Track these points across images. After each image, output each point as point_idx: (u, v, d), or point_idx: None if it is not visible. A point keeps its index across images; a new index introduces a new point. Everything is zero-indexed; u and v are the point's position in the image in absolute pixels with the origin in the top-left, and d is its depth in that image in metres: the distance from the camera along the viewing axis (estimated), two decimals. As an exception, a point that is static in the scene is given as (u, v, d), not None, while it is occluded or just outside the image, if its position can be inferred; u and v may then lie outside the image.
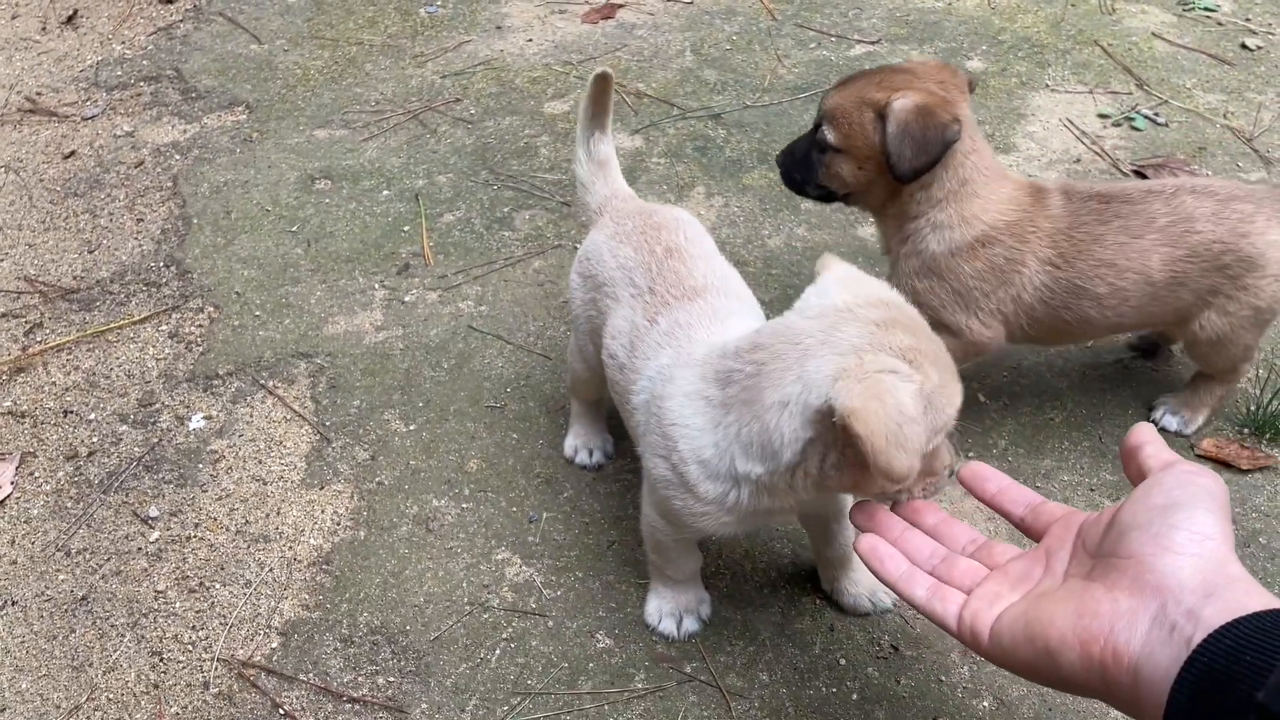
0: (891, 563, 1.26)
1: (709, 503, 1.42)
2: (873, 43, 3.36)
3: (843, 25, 3.47)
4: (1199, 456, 2.01)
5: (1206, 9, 3.52)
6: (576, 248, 2.55)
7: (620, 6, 3.60)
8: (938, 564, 1.26)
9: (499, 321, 2.39)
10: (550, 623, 1.80)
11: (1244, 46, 3.32)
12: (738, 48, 3.37)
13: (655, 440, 1.47)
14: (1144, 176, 2.77)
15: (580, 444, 2.06)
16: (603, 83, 1.90)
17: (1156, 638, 0.91)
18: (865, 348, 1.22)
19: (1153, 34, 3.38)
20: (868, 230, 2.60)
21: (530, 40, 3.44)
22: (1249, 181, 2.73)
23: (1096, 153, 2.85)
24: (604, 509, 1.99)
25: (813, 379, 1.23)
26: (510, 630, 1.79)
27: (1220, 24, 3.44)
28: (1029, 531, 1.27)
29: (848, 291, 1.32)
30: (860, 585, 1.77)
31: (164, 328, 2.43)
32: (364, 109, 3.12)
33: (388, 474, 2.07)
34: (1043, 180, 2.01)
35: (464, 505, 2.00)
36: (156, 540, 1.97)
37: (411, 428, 2.16)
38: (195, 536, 1.98)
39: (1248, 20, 3.45)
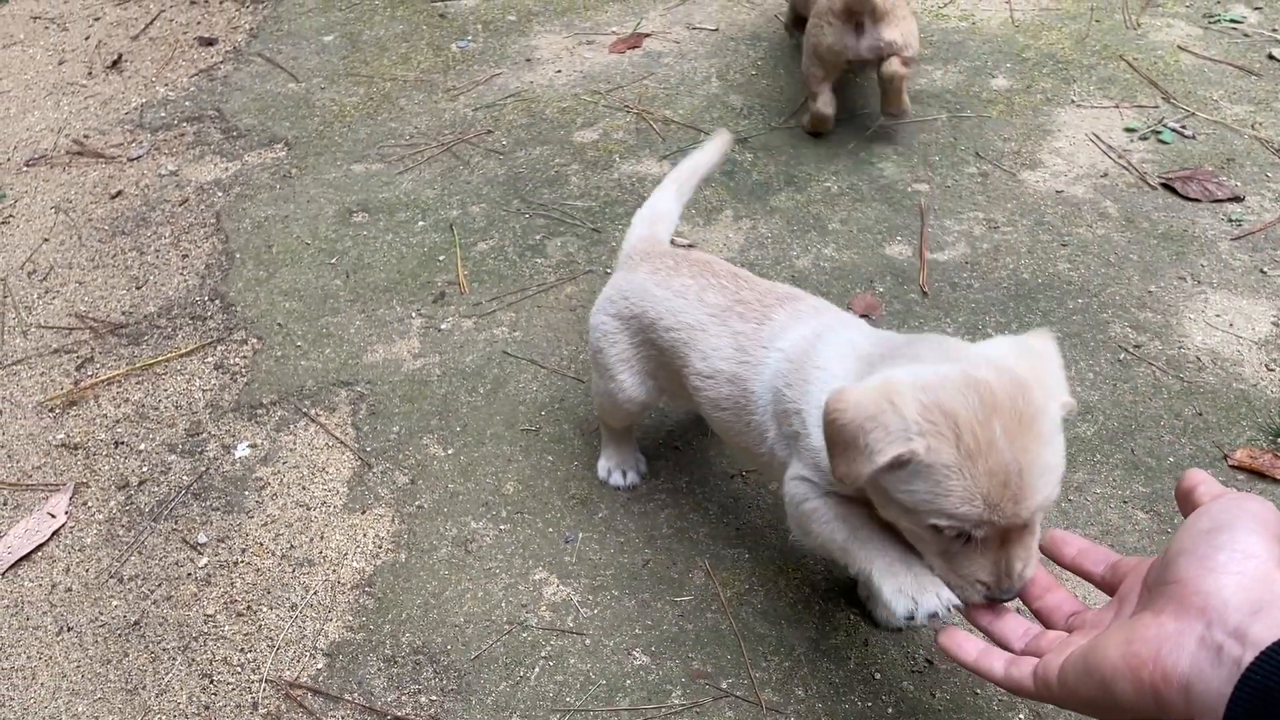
0: (970, 647, 1.28)
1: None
2: (897, 64, 3.39)
3: (867, 47, 3.50)
4: (1232, 467, 2.01)
5: (1233, 20, 3.52)
6: (608, 272, 2.61)
7: (646, 36, 3.67)
8: (1029, 642, 1.27)
9: (532, 346, 2.44)
10: (588, 641, 1.83)
11: (1271, 57, 3.31)
12: (762, 73, 3.41)
13: (795, 396, 1.47)
14: (1172, 189, 2.77)
15: (614, 465, 2.10)
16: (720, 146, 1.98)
17: (1204, 658, 0.91)
18: (919, 383, 1.20)
19: (1178, 47, 3.39)
20: (895, 249, 2.62)
21: (559, 71, 3.51)
22: (1277, 191, 2.72)
23: (1124, 167, 2.86)
24: (638, 528, 2.02)
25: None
26: (549, 649, 1.82)
27: (1247, 35, 3.44)
28: (1109, 589, 1.26)
29: (1012, 349, 1.28)
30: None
31: (209, 359, 2.50)
32: (399, 143, 3.20)
33: (427, 497, 2.12)
34: None
35: (501, 527, 2.05)
36: (205, 565, 2.03)
37: (449, 452, 2.21)
38: (242, 561, 2.03)
39: (1275, 30, 3.45)
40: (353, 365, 2.44)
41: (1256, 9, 3.58)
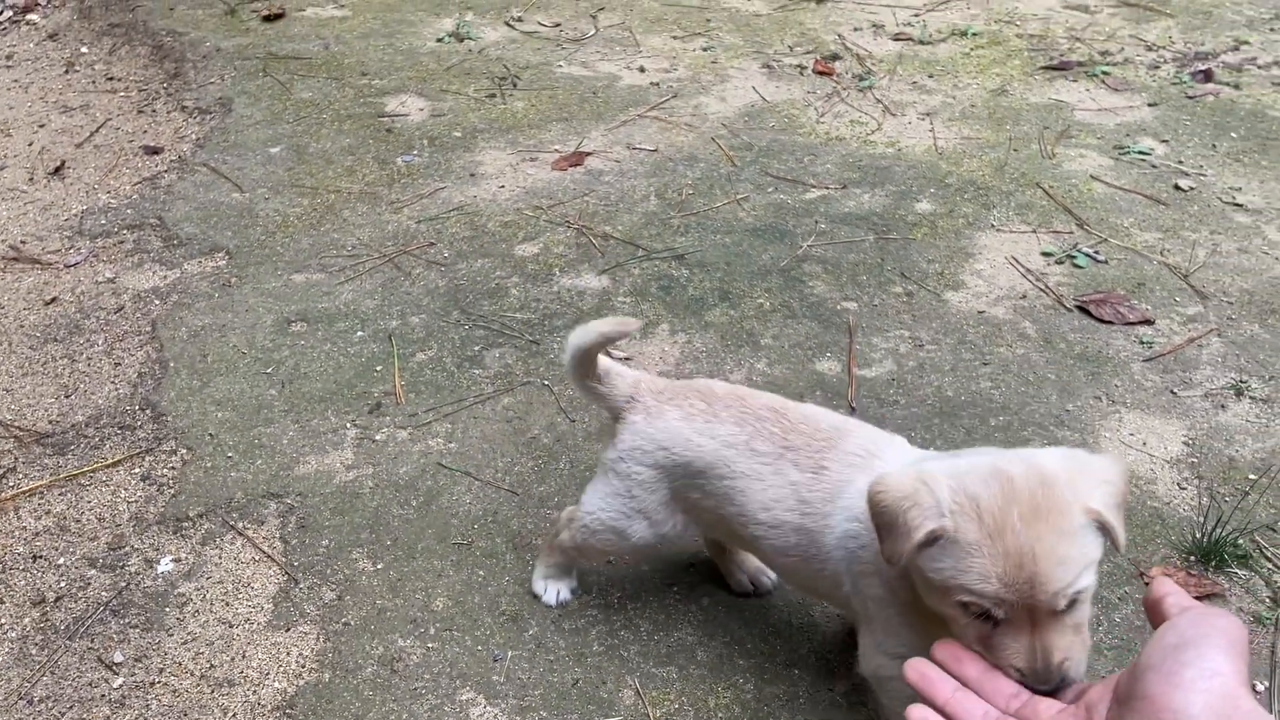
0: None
1: None
2: (827, 188, 3.54)
3: (798, 171, 3.65)
4: (1148, 584, 2.06)
5: (1141, 152, 3.75)
6: (546, 384, 2.64)
7: (588, 154, 3.79)
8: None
9: (468, 458, 2.45)
10: (514, 764, 1.80)
11: (1177, 187, 3.52)
12: (700, 192, 3.54)
13: (870, 557, 1.54)
14: (1087, 312, 2.90)
15: (552, 581, 2.09)
16: (603, 340, 1.81)
17: None
18: (949, 470, 1.33)
19: (1091, 176, 3.58)
20: (824, 365, 2.70)
21: (502, 186, 3.60)
22: (1188, 316, 2.86)
23: (1041, 289, 2.99)
24: (569, 646, 2.01)
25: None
26: (474, 772, 1.78)
27: (1154, 166, 3.65)
28: (1077, 692, 1.28)
29: (1061, 454, 1.35)
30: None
31: (136, 470, 2.46)
32: (340, 253, 3.24)
33: (354, 614, 2.09)
34: None
35: (429, 645, 2.02)
36: (120, 686, 1.97)
37: (379, 566, 2.19)
38: (159, 682, 1.97)
39: (1180, 163, 3.67)
40: (284, 477, 2.42)
41: (1164, 142, 3.81)
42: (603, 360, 1.89)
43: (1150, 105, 4.10)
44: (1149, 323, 2.86)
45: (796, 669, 1.96)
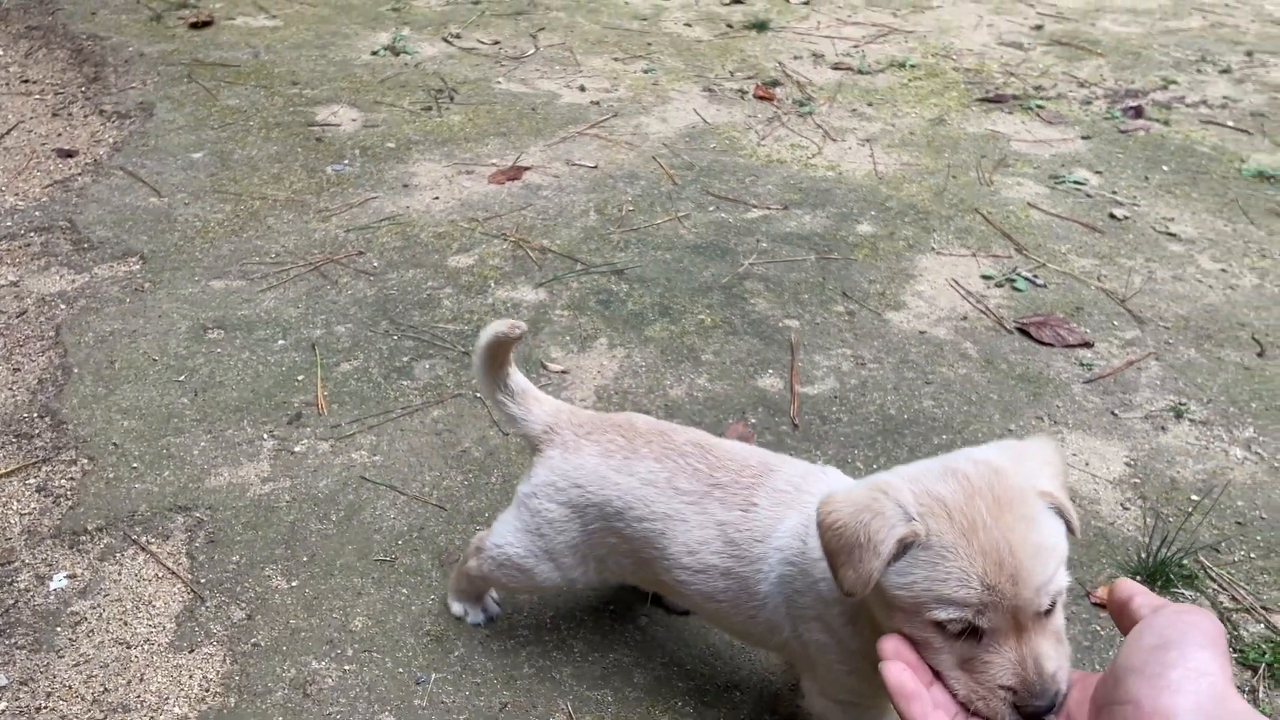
0: (917, 706, 1.12)
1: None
2: (768, 208, 3.49)
3: (740, 190, 3.61)
4: (1094, 604, 2.01)
5: (1076, 182, 3.78)
6: (479, 397, 2.53)
7: (526, 169, 3.70)
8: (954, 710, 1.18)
9: (393, 471, 2.32)
10: (436, 794, 1.66)
11: (1112, 216, 3.55)
12: (640, 209, 3.47)
13: (810, 602, 1.43)
14: (1027, 334, 2.88)
15: (469, 602, 1.96)
16: (503, 341, 1.69)
17: None
18: (906, 474, 1.21)
19: (1028, 204, 3.60)
20: (766, 381, 2.63)
21: (437, 198, 3.49)
22: (1126, 340, 2.86)
23: (982, 311, 2.97)
24: (497, 668, 1.88)
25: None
26: (391, 804, 1.65)
27: (1089, 195, 3.68)
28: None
29: (996, 447, 1.26)
30: None
31: (31, 481, 2.28)
32: (263, 260, 3.09)
33: (265, 634, 1.94)
34: None
35: (346, 667, 1.88)
36: (3, 712, 1.79)
37: (294, 584, 2.04)
38: (46, 707, 1.80)
39: (1114, 193, 3.71)
40: (193, 489, 2.26)
41: (1098, 173, 3.85)
42: (520, 381, 1.77)
43: (1084, 138, 4.15)
44: (1088, 345, 2.85)
45: (738, 691, 1.86)
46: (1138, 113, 4.42)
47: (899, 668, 1.15)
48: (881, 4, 5.87)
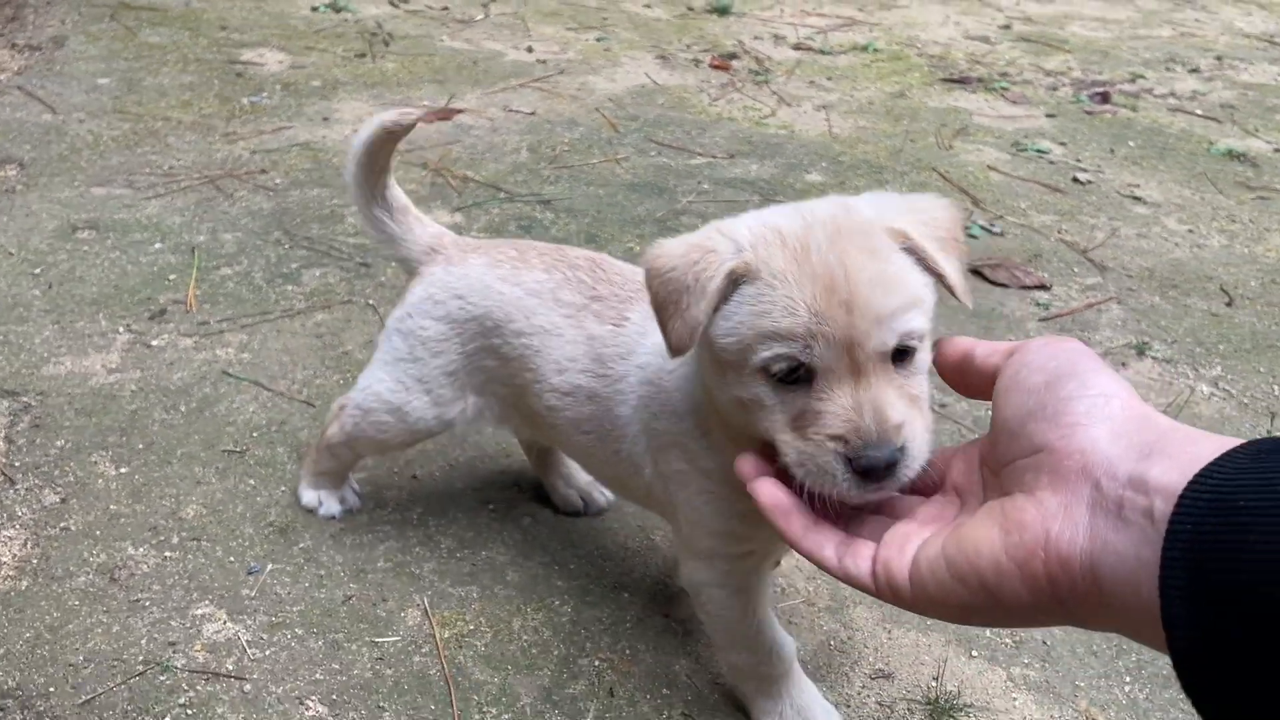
0: (797, 519, 0.93)
1: None
2: (713, 156, 3.28)
3: (685, 140, 3.40)
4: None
5: (1039, 150, 3.60)
6: (371, 304, 2.27)
7: (459, 111, 3.47)
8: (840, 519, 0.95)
9: (260, 368, 2.04)
10: (247, 687, 1.37)
11: (1075, 180, 3.36)
12: (576, 150, 3.24)
13: (666, 425, 1.24)
14: (981, 275, 2.66)
15: (324, 491, 1.69)
16: (390, 135, 1.53)
17: (1104, 524, 0.70)
18: (751, 216, 1.04)
19: (988, 167, 3.41)
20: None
21: (357, 131, 3.25)
22: (1086, 285, 2.65)
23: (934, 252, 2.75)
24: (347, 561, 1.60)
25: None
26: (191, 695, 1.36)
27: (1052, 162, 3.50)
28: (925, 490, 0.97)
29: (872, 196, 1.07)
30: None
31: None
32: (154, 173, 2.83)
33: (78, 519, 1.65)
34: None
35: (167, 554, 1.59)
36: None
37: (123, 470, 1.75)
38: None
39: (1078, 161, 3.53)
40: (25, 375, 1.98)
41: (1061, 144, 3.67)
42: (400, 197, 1.58)
43: (1049, 116, 3.98)
44: (1045, 288, 2.64)
45: (626, 592, 1.58)
46: (1104, 99, 4.27)
47: (769, 484, 0.94)
48: (848, 0, 5.75)
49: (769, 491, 0.93)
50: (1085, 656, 1.53)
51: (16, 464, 1.76)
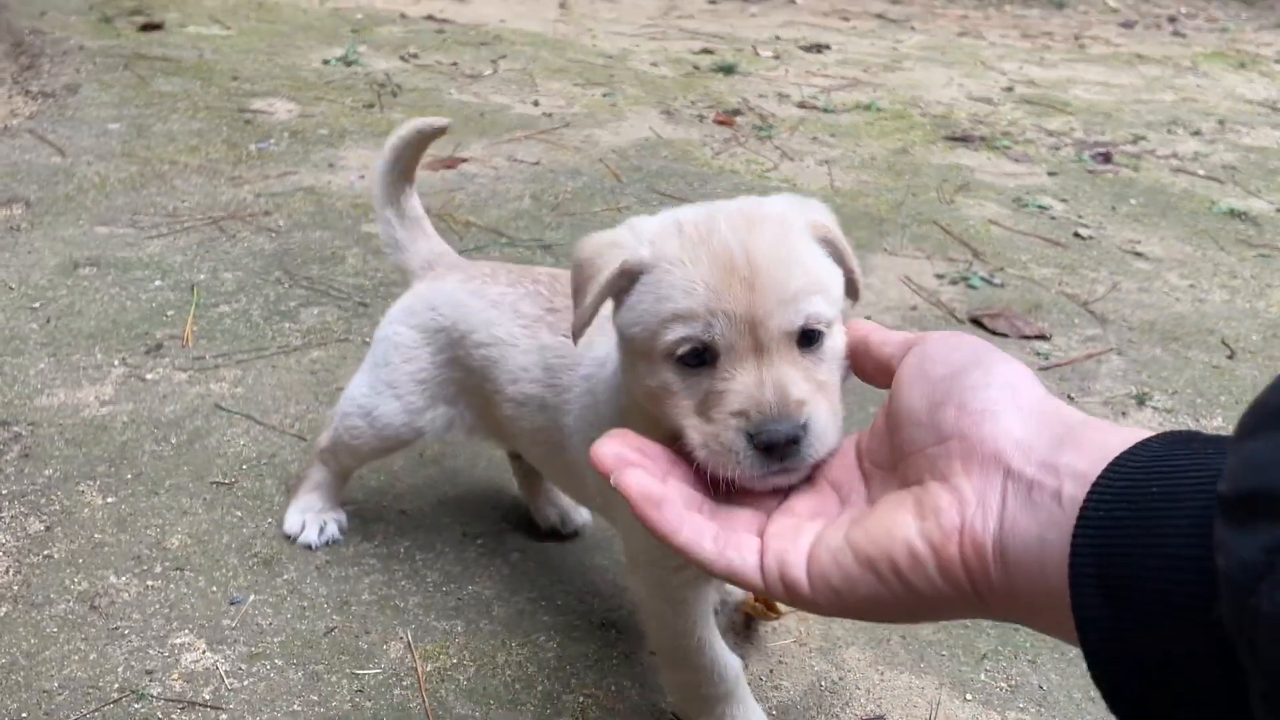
0: (670, 509, 0.83)
1: None
2: (715, 205, 3.30)
3: (687, 191, 3.43)
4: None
5: (1040, 206, 3.62)
6: (367, 342, 2.26)
7: (464, 160, 3.51)
8: (708, 507, 0.91)
9: (253, 403, 2.03)
10: (224, 717, 1.34)
11: (1077, 235, 3.37)
12: (579, 198, 3.27)
13: (600, 435, 1.21)
14: (981, 324, 2.66)
15: (310, 517, 1.67)
16: (421, 138, 1.57)
17: (1015, 507, 0.69)
18: (667, 214, 1.04)
19: (989, 221, 3.42)
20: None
21: (361, 177, 3.29)
22: (1087, 336, 2.64)
23: (933, 304, 2.75)
24: (331, 594, 1.58)
25: None
26: (164, 725, 1.32)
27: (1054, 217, 3.51)
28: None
29: (782, 201, 1.06)
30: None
31: None
32: (158, 214, 2.85)
33: (62, 546, 1.63)
34: None
35: (149, 583, 1.57)
36: None
37: (109, 500, 1.74)
38: None
39: (1080, 217, 3.54)
40: (17, 405, 1.97)
41: (1063, 201, 3.69)
42: (417, 207, 1.66)
43: (1050, 174, 4.01)
44: (1045, 338, 2.63)
45: (614, 630, 1.55)
46: (1106, 158, 4.30)
47: (635, 474, 0.84)
48: (852, 62, 5.84)
49: (637, 481, 0.83)
50: (1083, 702, 1.49)
51: (3, 492, 1.74)
